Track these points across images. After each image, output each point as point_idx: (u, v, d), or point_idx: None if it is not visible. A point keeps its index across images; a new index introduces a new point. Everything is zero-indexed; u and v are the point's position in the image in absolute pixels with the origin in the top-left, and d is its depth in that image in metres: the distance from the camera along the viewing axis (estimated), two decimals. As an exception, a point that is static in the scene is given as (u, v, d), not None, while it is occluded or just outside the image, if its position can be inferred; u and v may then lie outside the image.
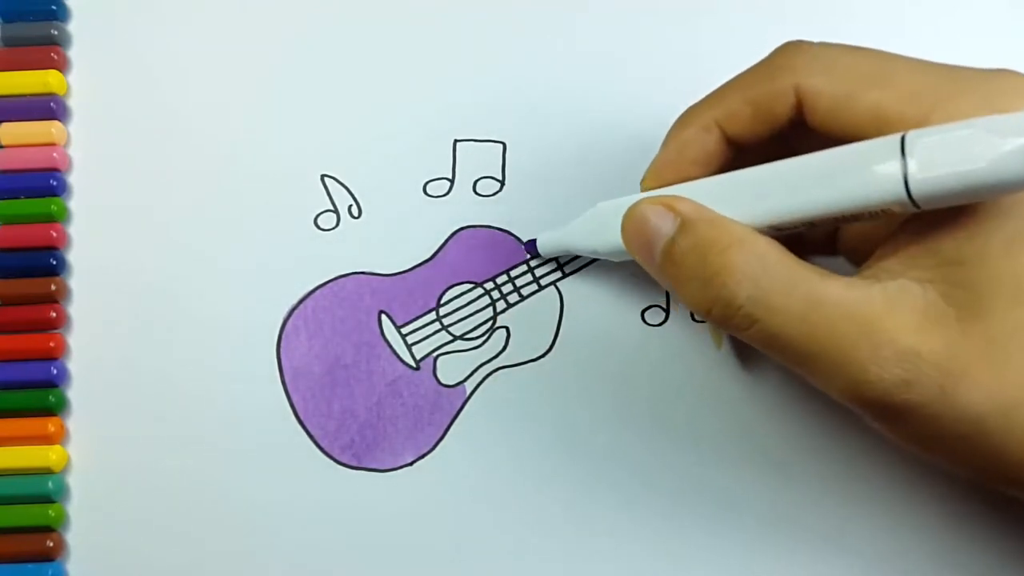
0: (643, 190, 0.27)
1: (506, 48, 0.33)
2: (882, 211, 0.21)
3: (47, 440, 0.31)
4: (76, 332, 0.32)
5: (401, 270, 0.32)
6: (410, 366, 0.31)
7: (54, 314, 0.31)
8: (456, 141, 0.33)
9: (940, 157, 0.19)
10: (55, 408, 0.31)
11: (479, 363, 0.31)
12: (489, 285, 0.32)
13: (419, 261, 0.32)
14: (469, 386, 0.31)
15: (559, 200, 0.32)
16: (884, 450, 0.30)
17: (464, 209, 0.32)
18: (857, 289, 0.22)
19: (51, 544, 0.30)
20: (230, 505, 0.31)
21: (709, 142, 0.25)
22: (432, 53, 0.33)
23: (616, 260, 0.28)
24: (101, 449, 0.31)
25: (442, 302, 0.32)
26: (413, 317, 0.32)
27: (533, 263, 0.32)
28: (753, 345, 0.23)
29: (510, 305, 0.32)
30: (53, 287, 0.32)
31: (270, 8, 0.34)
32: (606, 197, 0.32)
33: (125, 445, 0.31)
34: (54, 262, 0.32)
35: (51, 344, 0.31)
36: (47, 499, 0.31)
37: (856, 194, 0.21)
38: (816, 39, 0.32)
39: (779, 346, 0.22)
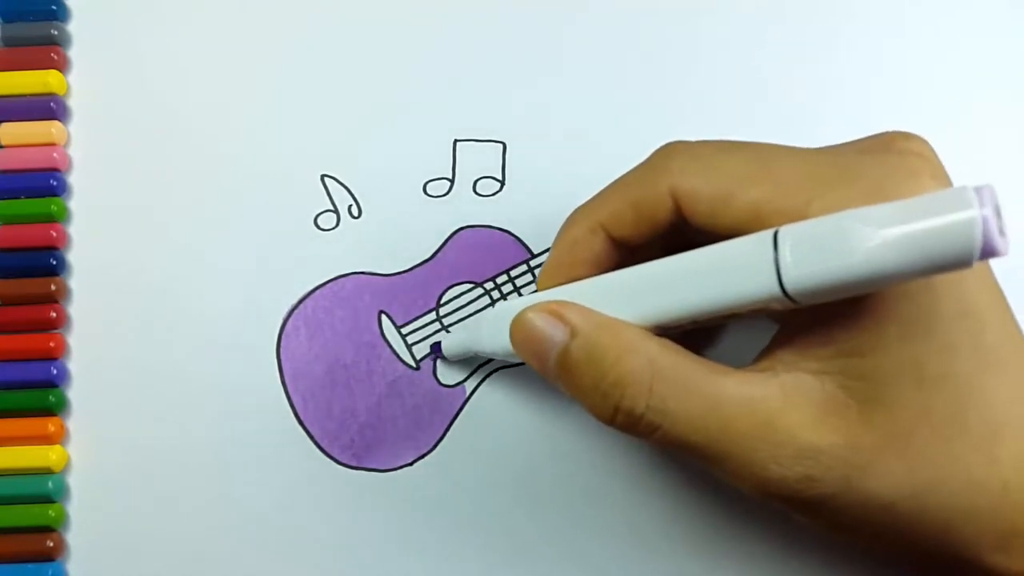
0: (538, 289, 0.27)
1: (506, 48, 0.33)
2: (762, 308, 0.21)
3: (47, 440, 0.31)
4: (76, 332, 0.32)
5: (401, 270, 0.32)
6: (410, 366, 0.31)
7: (54, 314, 0.31)
8: (456, 141, 0.33)
9: (813, 252, 0.19)
10: (55, 408, 0.31)
11: (479, 363, 0.31)
12: (489, 285, 0.32)
13: (419, 261, 0.32)
14: (469, 386, 0.31)
15: (559, 200, 0.32)
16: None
17: (464, 209, 0.32)
18: (754, 385, 0.22)
19: (51, 544, 0.30)
20: (230, 505, 0.31)
21: (595, 243, 0.25)
22: (432, 53, 0.33)
23: (514, 362, 0.27)
24: (101, 449, 0.31)
25: (442, 302, 0.32)
26: (413, 317, 0.32)
27: (533, 263, 0.32)
28: (660, 447, 0.23)
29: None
30: (53, 287, 0.32)
31: (270, 8, 0.33)
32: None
33: (125, 445, 0.31)
34: (54, 262, 0.32)
35: (51, 344, 0.31)
36: (47, 499, 0.31)
37: (733, 292, 0.21)
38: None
39: (684, 449, 0.22)
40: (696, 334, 0.24)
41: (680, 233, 0.24)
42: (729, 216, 0.22)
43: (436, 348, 0.31)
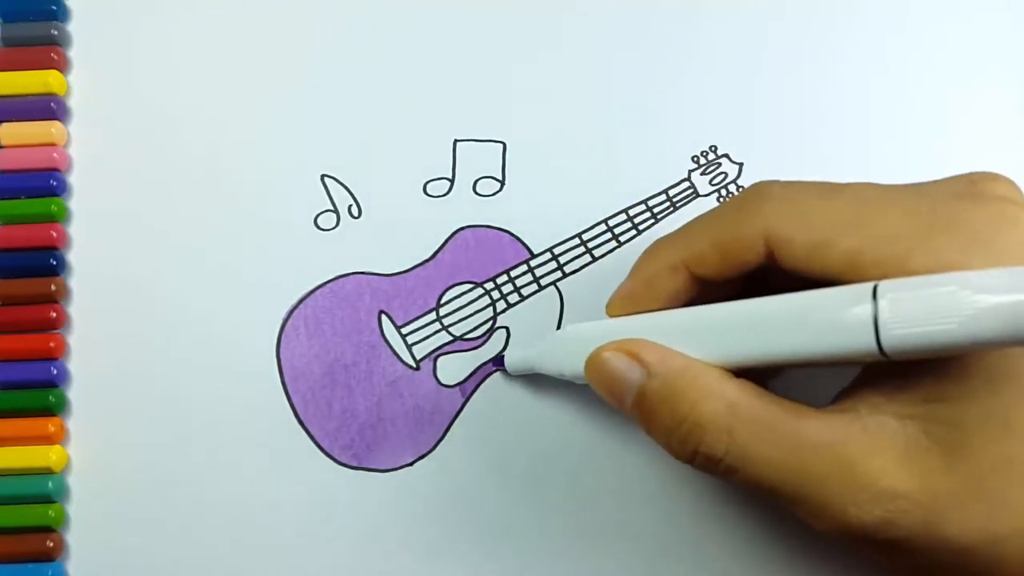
0: (609, 315, 0.27)
1: (506, 48, 0.33)
2: (852, 360, 0.21)
3: (47, 440, 0.31)
4: (76, 332, 0.32)
5: (401, 270, 0.32)
6: (410, 366, 0.31)
7: (54, 314, 0.31)
8: (456, 141, 0.33)
9: (913, 312, 0.19)
10: (55, 408, 0.31)
11: (479, 363, 0.31)
12: (489, 285, 0.32)
13: (419, 261, 0.32)
14: (469, 386, 0.31)
15: (559, 200, 0.32)
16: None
17: (464, 209, 0.32)
18: (835, 427, 0.22)
19: (51, 544, 0.30)
20: (230, 505, 0.31)
21: (676, 280, 0.25)
22: (432, 53, 0.33)
23: (581, 383, 0.27)
24: (101, 449, 0.31)
25: (442, 302, 0.32)
26: (413, 317, 0.32)
27: (533, 263, 0.32)
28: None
29: (510, 305, 0.32)
30: (53, 287, 0.31)
31: (270, 9, 0.33)
32: (606, 197, 0.32)
33: (125, 445, 0.31)
34: (54, 262, 0.32)
35: (51, 344, 0.31)
36: (47, 499, 0.31)
37: (824, 343, 0.21)
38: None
39: (762, 490, 0.22)
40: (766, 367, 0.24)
41: (761, 271, 0.24)
42: (824, 263, 0.22)
43: (499, 362, 0.31)
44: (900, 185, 0.23)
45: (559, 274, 0.32)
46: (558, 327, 0.31)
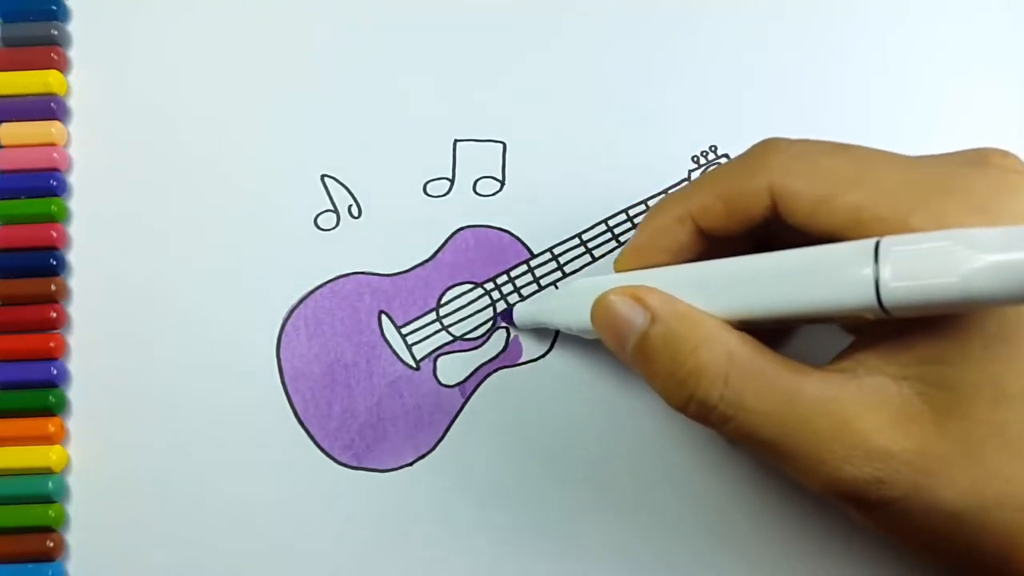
0: (616, 271, 0.27)
1: (506, 48, 0.33)
2: (852, 315, 0.21)
3: (47, 440, 0.31)
4: (76, 332, 0.32)
5: (401, 270, 0.32)
6: (410, 366, 0.31)
7: (54, 314, 0.31)
8: (456, 141, 0.33)
9: (912, 268, 0.19)
10: (55, 408, 0.31)
11: (479, 363, 0.31)
12: (489, 285, 0.32)
13: (419, 261, 0.32)
14: (469, 386, 0.31)
15: (559, 200, 0.32)
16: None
17: (464, 209, 0.32)
18: (831, 385, 0.22)
19: (51, 544, 0.30)
20: (230, 505, 0.31)
21: (682, 233, 0.25)
22: (432, 53, 0.33)
23: (588, 338, 0.28)
24: (101, 449, 0.31)
25: (442, 302, 0.32)
26: (413, 317, 0.32)
27: (533, 263, 0.32)
28: (730, 439, 0.23)
29: (510, 305, 0.32)
30: (53, 287, 0.31)
31: (270, 9, 0.33)
32: (606, 197, 0.32)
33: (125, 445, 0.31)
34: (54, 262, 0.32)
35: (51, 344, 0.31)
36: (47, 499, 0.31)
37: (826, 297, 0.21)
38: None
39: (754, 443, 0.22)
40: (771, 331, 0.24)
41: (766, 228, 0.24)
42: (828, 218, 0.22)
43: (507, 315, 0.31)
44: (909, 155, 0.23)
45: (559, 274, 0.32)
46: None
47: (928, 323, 0.21)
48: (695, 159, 0.32)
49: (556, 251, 0.32)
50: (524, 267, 0.32)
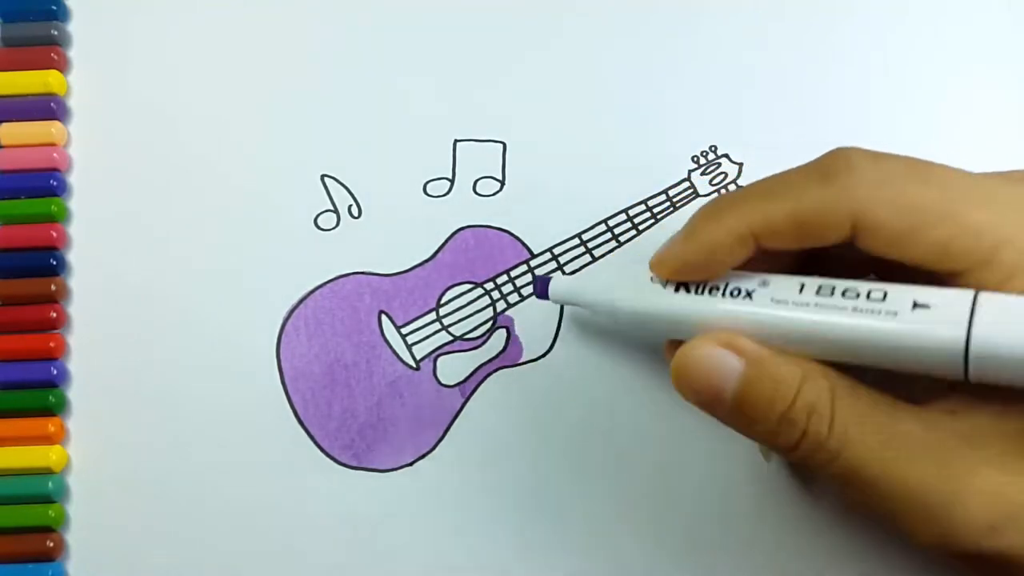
0: (656, 273, 0.25)
1: (506, 48, 0.33)
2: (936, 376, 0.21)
3: (47, 440, 0.31)
4: (76, 332, 0.32)
5: (401, 270, 0.32)
6: (410, 366, 0.31)
7: (54, 314, 0.31)
8: (456, 141, 0.33)
9: (1004, 341, 0.19)
10: (55, 408, 0.31)
11: (479, 363, 0.31)
12: (489, 285, 0.32)
13: (419, 261, 0.32)
14: (469, 386, 0.31)
15: (559, 200, 0.32)
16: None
17: (464, 209, 0.32)
18: (932, 423, 0.21)
19: (51, 544, 0.30)
20: (230, 505, 0.31)
21: (742, 253, 0.23)
22: (432, 53, 0.33)
23: (630, 331, 0.27)
24: (101, 449, 0.31)
25: (442, 302, 0.32)
26: (413, 317, 0.32)
27: (533, 263, 0.32)
28: (830, 483, 0.23)
29: (510, 305, 0.32)
30: (53, 287, 0.31)
31: (270, 8, 0.33)
32: (606, 197, 0.32)
33: (125, 445, 0.31)
34: (54, 262, 0.32)
35: (51, 344, 0.31)
36: (47, 499, 0.31)
37: (911, 358, 0.21)
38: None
39: (859, 483, 0.21)
40: None
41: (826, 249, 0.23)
42: (911, 251, 0.21)
43: (543, 285, 0.29)
44: (989, 174, 0.22)
45: (559, 274, 0.32)
46: (558, 327, 0.31)
47: None
48: (695, 159, 0.32)
49: (556, 251, 0.32)
50: (524, 267, 0.32)
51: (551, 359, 0.31)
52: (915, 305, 0.21)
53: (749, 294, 0.23)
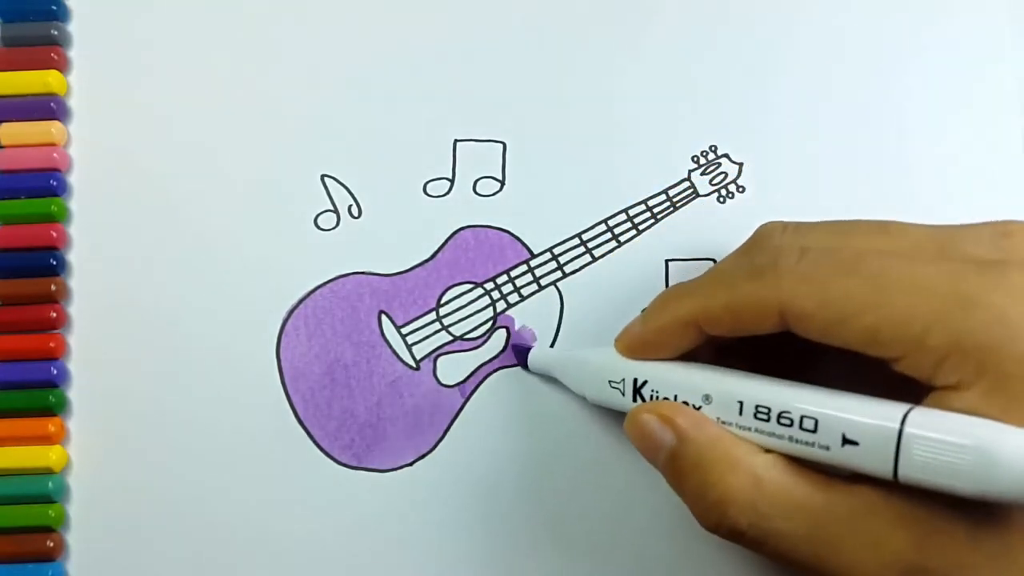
0: (618, 350, 0.27)
1: (506, 48, 0.33)
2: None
3: (47, 440, 0.31)
4: (76, 332, 0.32)
5: (401, 270, 0.32)
6: (410, 366, 0.31)
7: (54, 314, 0.31)
8: (456, 141, 0.33)
9: (931, 468, 0.20)
10: (55, 408, 0.31)
11: (479, 363, 0.31)
12: (489, 285, 0.32)
13: (419, 261, 0.32)
14: (469, 386, 0.31)
15: (559, 200, 0.32)
16: None
17: (464, 209, 0.32)
18: (862, 501, 0.22)
19: (51, 544, 0.30)
20: (230, 505, 0.31)
21: (687, 336, 0.26)
22: (432, 53, 0.33)
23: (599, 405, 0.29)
24: (101, 449, 0.31)
25: (442, 302, 0.32)
26: (413, 317, 0.32)
27: (533, 263, 0.32)
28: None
29: (510, 305, 0.32)
30: (53, 287, 0.31)
31: (270, 8, 0.33)
32: (606, 197, 0.32)
33: (125, 445, 0.31)
34: (54, 262, 0.32)
35: (51, 344, 0.31)
36: (47, 499, 0.31)
37: (844, 462, 0.22)
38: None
39: (788, 563, 0.23)
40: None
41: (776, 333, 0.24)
42: (842, 338, 0.22)
43: (522, 355, 0.31)
44: (921, 248, 0.23)
45: (559, 274, 0.32)
46: (558, 327, 0.31)
47: None
48: (695, 159, 0.32)
49: (556, 251, 0.32)
50: (524, 267, 0.32)
51: (551, 359, 0.31)
52: (844, 441, 0.22)
53: (697, 408, 0.25)
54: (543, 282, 0.32)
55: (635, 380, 0.27)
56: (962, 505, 0.21)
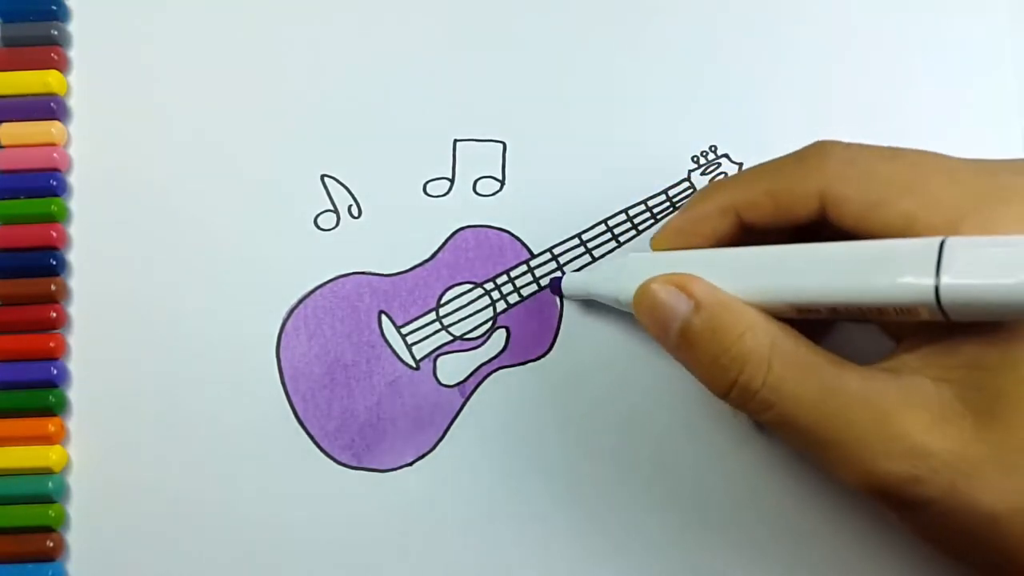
0: (653, 248, 0.27)
1: (507, 48, 0.33)
2: (907, 311, 0.21)
3: (47, 440, 0.31)
4: (76, 332, 0.32)
5: (401, 270, 0.32)
6: (410, 366, 0.31)
7: (54, 314, 0.31)
8: (456, 141, 0.33)
9: (975, 268, 0.19)
10: (55, 408, 0.31)
11: (479, 363, 0.31)
12: (489, 285, 0.32)
13: (419, 261, 0.32)
14: (469, 386, 0.31)
15: (559, 200, 0.32)
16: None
17: (464, 209, 0.32)
18: (873, 381, 0.22)
19: (51, 544, 0.30)
20: (230, 505, 0.31)
21: (723, 223, 0.26)
22: (432, 53, 0.33)
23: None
24: (101, 449, 0.31)
25: (442, 302, 0.32)
26: (413, 317, 0.32)
27: (533, 263, 0.32)
28: (768, 427, 0.24)
29: (510, 305, 0.32)
30: (53, 287, 0.31)
31: (270, 8, 0.33)
32: (606, 197, 0.32)
33: (125, 445, 0.31)
34: (54, 262, 0.32)
35: (51, 344, 0.31)
36: (47, 499, 0.31)
37: (884, 290, 0.21)
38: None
39: (793, 431, 0.23)
40: (805, 330, 0.24)
41: (808, 226, 0.24)
42: (878, 224, 0.22)
43: (556, 285, 0.31)
44: (961, 157, 0.23)
45: (559, 274, 0.32)
46: (558, 327, 0.31)
47: (973, 329, 0.21)
48: (695, 159, 0.32)
49: (556, 251, 0.32)
50: (524, 267, 0.32)
51: (551, 359, 0.31)
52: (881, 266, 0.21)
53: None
54: (543, 282, 0.32)
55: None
56: (972, 397, 0.21)
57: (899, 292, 0.21)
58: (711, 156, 0.32)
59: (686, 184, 0.32)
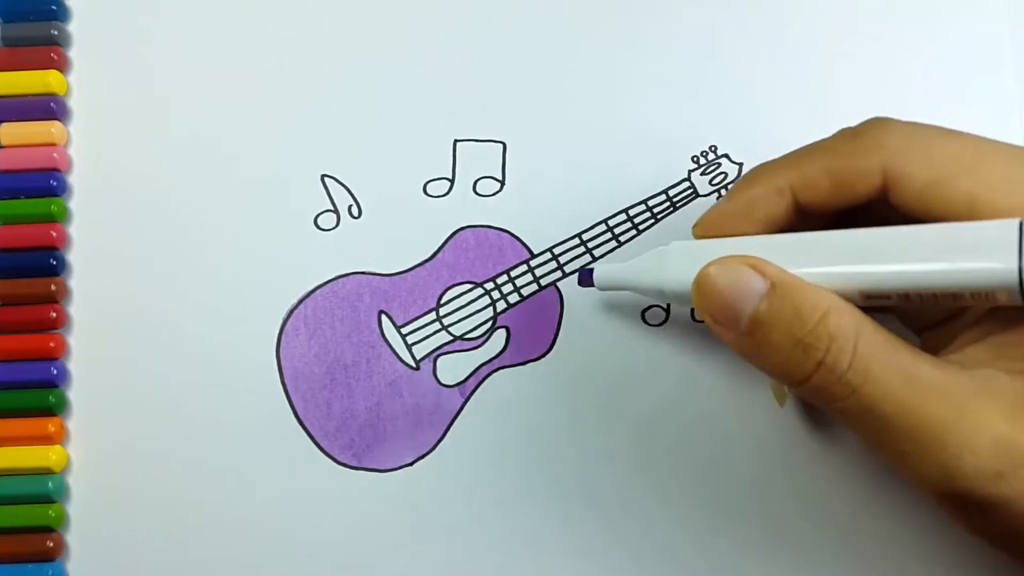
0: (695, 236, 0.26)
1: (507, 48, 0.33)
2: (984, 296, 0.20)
3: (47, 440, 0.31)
4: (76, 332, 0.32)
5: (401, 270, 0.32)
6: (410, 366, 0.31)
7: (54, 314, 0.31)
8: (456, 141, 0.33)
9: None
10: (55, 408, 0.31)
11: (479, 363, 0.31)
12: (489, 285, 0.32)
13: (419, 261, 0.32)
14: (469, 386, 0.31)
15: (559, 200, 0.32)
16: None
17: (464, 209, 0.32)
18: (947, 371, 0.21)
19: (51, 544, 0.30)
20: (230, 505, 0.31)
21: (779, 205, 0.24)
22: (432, 53, 0.33)
23: (680, 306, 0.27)
24: (101, 449, 0.31)
25: (442, 302, 0.32)
26: (413, 317, 0.32)
27: (533, 263, 0.32)
28: (840, 419, 0.22)
29: (510, 305, 0.32)
30: (53, 287, 0.31)
31: (270, 8, 0.33)
32: (606, 197, 0.32)
33: (125, 445, 0.31)
34: (54, 262, 0.32)
35: (51, 344, 0.31)
36: (47, 499, 0.31)
37: (968, 273, 0.20)
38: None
39: (873, 419, 0.21)
40: None
41: (863, 207, 0.24)
42: (940, 203, 0.22)
43: (586, 276, 0.29)
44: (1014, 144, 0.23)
45: (559, 274, 0.32)
46: (558, 327, 0.31)
47: None
48: (695, 159, 0.32)
49: (556, 251, 0.32)
50: (524, 267, 0.32)
51: (551, 359, 0.31)
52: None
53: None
54: (543, 282, 0.32)
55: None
56: None
57: (982, 276, 0.20)
58: (711, 156, 0.32)
59: (686, 184, 0.32)
